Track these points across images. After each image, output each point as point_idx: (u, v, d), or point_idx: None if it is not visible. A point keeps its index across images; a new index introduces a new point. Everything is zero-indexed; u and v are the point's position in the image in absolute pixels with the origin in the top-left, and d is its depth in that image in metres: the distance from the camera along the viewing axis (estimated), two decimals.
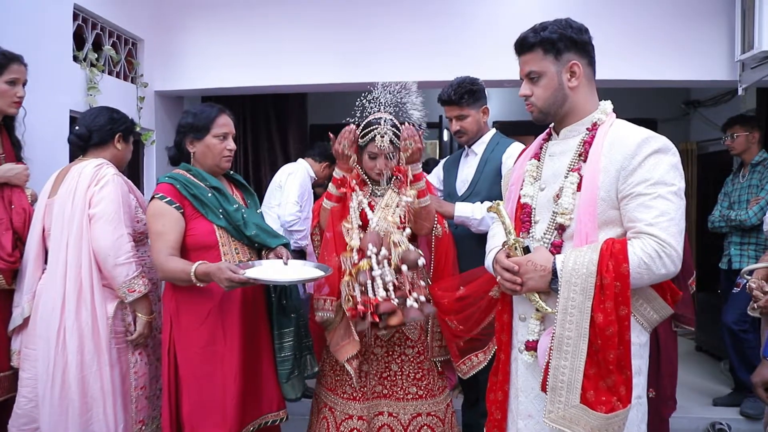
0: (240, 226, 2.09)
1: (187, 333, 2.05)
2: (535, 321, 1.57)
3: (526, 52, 1.57)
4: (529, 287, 1.51)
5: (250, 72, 3.90)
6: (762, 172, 3.49)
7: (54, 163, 2.46)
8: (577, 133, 1.59)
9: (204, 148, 2.12)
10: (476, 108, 2.62)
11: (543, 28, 1.55)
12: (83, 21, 3.20)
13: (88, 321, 2.07)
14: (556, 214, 1.54)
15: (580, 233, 1.49)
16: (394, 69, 3.80)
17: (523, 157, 1.77)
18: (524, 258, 1.53)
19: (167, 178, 2.07)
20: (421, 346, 2.26)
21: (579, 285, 1.42)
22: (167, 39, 3.92)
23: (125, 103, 3.53)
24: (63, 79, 2.95)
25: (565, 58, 1.54)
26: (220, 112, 2.14)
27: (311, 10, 3.85)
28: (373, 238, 2.11)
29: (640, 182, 1.43)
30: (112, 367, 2.09)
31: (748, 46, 3.41)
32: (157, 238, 2.01)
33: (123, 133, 2.31)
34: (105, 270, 2.08)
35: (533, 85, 1.58)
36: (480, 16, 3.76)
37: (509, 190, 1.77)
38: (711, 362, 4.32)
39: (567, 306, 1.43)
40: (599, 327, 1.39)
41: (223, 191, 2.11)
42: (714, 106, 5.26)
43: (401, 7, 3.80)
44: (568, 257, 1.45)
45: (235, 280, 1.85)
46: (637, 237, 1.44)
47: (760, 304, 2.09)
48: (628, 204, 1.45)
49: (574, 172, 1.54)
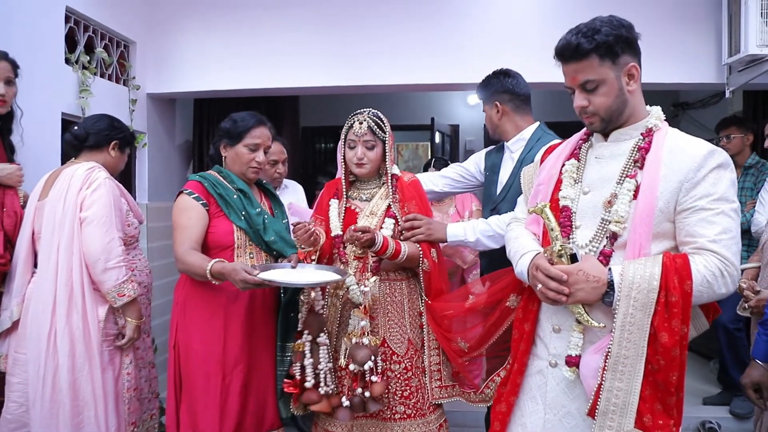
0: (259, 230, 2.10)
1: (191, 329, 2.06)
2: (577, 334, 1.46)
3: (579, 59, 1.43)
4: (577, 299, 1.40)
5: (242, 74, 3.90)
6: (756, 175, 3.53)
7: (46, 166, 2.45)
8: (629, 137, 1.50)
9: (234, 155, 2.16)
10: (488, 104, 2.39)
11: (596, 31, 1.41)
12: (75, 23, 3.20)
13: (79, 324, 2.07)
14: (607, 222, 1.45)
15: (633, 244, 1.40)
16: (387, 72, 3.82)
17: (556, 156, 1.67)
18: (574, 267, 1.40)
19: (198, 177, 2.14)
20: (409, 362, 2.11)
21: (640, 300, 1.33)
22: (159, 41, 3.92)
23: (117, 105, 3.52)
24: (55, 82, 2.94)
25: (622, 61, 1.44)
26: (259, 123, 2.17)
27: (304, 12, 3.86)
28: (314, 322, 2.03)
29: (703, 196, 1.37)
30: (103, 370, 2.09)
31: (734, 49, 3.46)
32: (181, 231, 2.03)
33: (120, 141, 2.33)
34: (94, 274, 2.08)
35: (590, 94, 1.46)
36: (473, 18, 3.78)
37: (535, 190, 1.66)
38: (701, 362, 4.36)
39: (625, 323, 1.33)
40: (664, 347, 1.32)
41: (248, 194, 2.14)
42: (702, 108, 5.32)
43: (394, 10, 3.81)
44: (626, 269, 1.35)
45: (250, 281, 1.83)
46: (698, 253, 1.37)
47: (751, 304, 2.12)
48: (689, 218, 1.38)
49: (631, 179, 1.44)
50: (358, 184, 2.23)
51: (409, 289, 2.16)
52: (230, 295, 2.05)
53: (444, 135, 5.74)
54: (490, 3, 3.79)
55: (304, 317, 2.05)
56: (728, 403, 3.48)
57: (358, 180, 2.22)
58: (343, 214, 2.17)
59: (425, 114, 5.82)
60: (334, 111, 1.81)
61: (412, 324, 2.14)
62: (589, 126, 1.52)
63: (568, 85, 1.50)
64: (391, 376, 2.09)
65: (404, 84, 3.90)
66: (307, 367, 1.99)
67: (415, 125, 6.11)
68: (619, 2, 3.56)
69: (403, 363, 2.10)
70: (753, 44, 3.28)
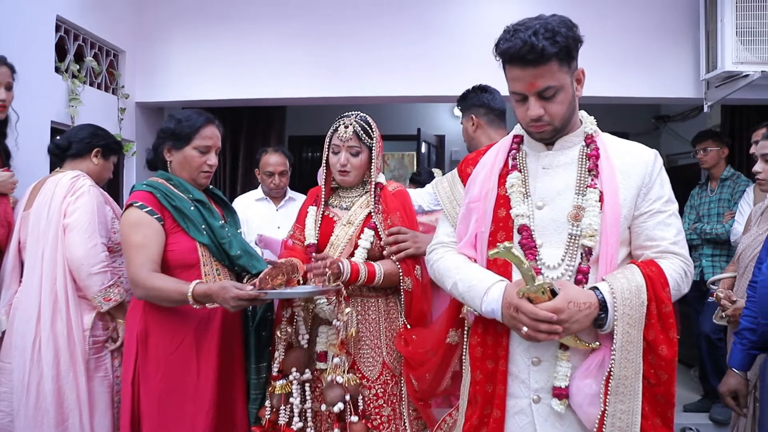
0: (224, 245, 1.90)
1: (155, 362, 1.84)
2: (565, 363, 1.33)
3: (541, 64, 1.27)
4: (572, 331, 1.28)
5: (230, 84, 3.93)
6: (732, 186, 3.62)
7: (35, 174, 2.44)
8: (572, 144, 1.42)
9: (182, 158, 1.93)
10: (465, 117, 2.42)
11: (555, 32, 1.26)
12: (65, 32, 3.21)
13: (63, 332, 2.05)
14: (576, 236, 1.35)
15: (605, 256, 1.33)
16: (374, 83, 3.88)
17: (486, 168, 1.50)
18: (562, 300, 1.25)
19: (145, 186, 1.88)
20: (381, 388, 1.90)
21: (633, 317, 1.26)
22: (148, 51, 3.94)
23: (106, 114, 3.53)
24: (44, 90, 2.95)
25: (574, 65, 1.34)
26: (208, 122, 1.95)
27: (292, 24, 3.91)
28: (297, 359, 1.88)
29: (657, 199, 1.36)
30: (89, 378, 2.08)
31: (712, 65, 3.59)
32: (137, 251, 1.80)
33: (102, 149, 2.28)
34: (79, 280, 2.07)
35: (546, 102, 1.32)
36: (459, 32, 3.86)
37: (466, 208, 1.49)
38: (681, 369, 4.44)
39: (624, 342, 1.26)
40: (665, 360, 1.28)
41: (207, 205, 1.94)
42: (682, 122, 5.45)
43: (381, 22, 3.87)
44: (614, 286, 1.27)
45: (244, 296, 1.65)
46: (662, 257, 1.35)
47: (728, 313, 2.17)
48: (647, 222, 1.36)
49: (593, 189, 1.36)
50: (341, 192, 2.06)
51: (387, 307, 1.96)
52: (201, 320, 1.85)
53: (430, 145, 5.80)
54: (475, 18, 3.87)
55: (283, 355, 1.87)
56: (708, 409, 3.56)
57: (341, 187, 2.05)
58: (320, 222, 2.00)
59: (411, 124, 5.87)
60: (320, 120, 1.82)
61: (389, 347, 1.93)
62: (537, 135, 1.40)
63: (519, 91, 1.33)
64: (363, 402, 1.88)
65: (391, 96, 3.96)
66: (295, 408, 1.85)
67: (401, 135, 6.16)
68: (600, 19, 3.68)
69: (374, 389, 1.90)
70: (729, 61, 3.41)
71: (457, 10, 3.89)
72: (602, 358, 1.31)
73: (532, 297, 1.27)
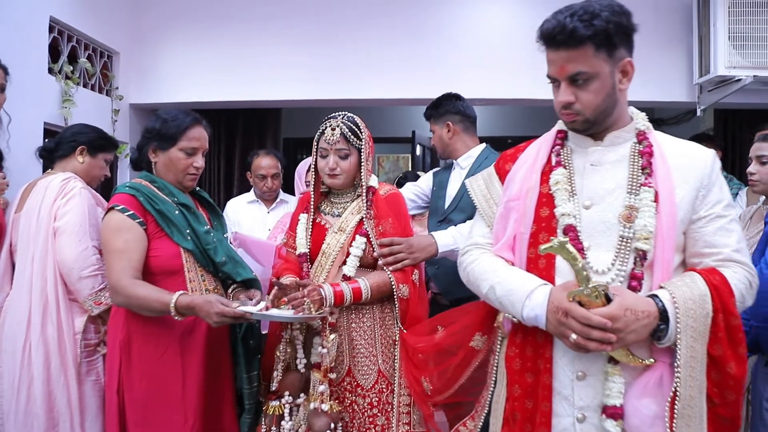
0: (209, 251, 1.83)
1: (139, 370, 1.77)
2: (617, 378, 1.21)
3: (573, 47, 1.22)
4: (627, 342, 1.16)
5: (225, 86, 3.93)
6: None
7: (28, 176, 2.42)
8: (622, 140, 1.32)
9: (167, 160, 1.85)
10: (439, 124, 2.51)
11: (594, 15, 1.20)
12: (59, 33, 3.20)
13: (54, 336, 2.03)
14: (628, 239, 1.24)
15: (661, 262, 1.22)
16: (369, 85, 3.89)
17: (527, 165, 1.42)
18: (618, 307, 1.15)
19: (127, 188, 1.80)
20: (376, 397, 1.85)
21: (698, 329, 1.15)
22: (143, 52, 3.93)
23: (100, 115, 3.52)
24: (38, 91, 2.94)
25: (619, 55, 1.25)
26: (195, 122, 1.87)
27: (288, 26, 3.91)
28: (293, 383, 1.81)
29: (716, 202, 1.25)
30: (80, 382, 2.06)
31: (704, 70, 3.62)
32: (118, 256, 1.72)
33: (87, 146, 2.23)
34: (69, 283, 2.05)
35: (578, 88, 1.25)
36: (455, 34, 3.87)
37: (505, 207, 1.40)
38: None
39: (689, 357, 1.14)
40: (735, 379, 1.16)
41: (192, 209, 1.87)
42: (676, 125, 5.49)
43: (377, 25, 3.88)
44: (676, 295, 1.16)
45: (228, 314, 1.60)
46: (725, 266, 1.23)
47: None
48: (705, 227, 1.25)
49: (648, 188, 1.25)
50: (332, 197, 1.99)
51: (382, 314, 1.90)
52: (186, 327, 1.78)
53: (425, 148, 5.81)
54: (471, 21, 3.88)
55: (281, 377, 1.81)
56: None
57: (332, 192, 1.99)
58: (311, 229, 1.94)
59: (406, 126, 5.88)
60: (316, 122, 1.81)
61: (384, 354, 1.88)
62: (570, 124, 1.33)
63: (552, 75, 1.28)
64: (356, 410, 1.85)
65: (387, 98, 3.97)
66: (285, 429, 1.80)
67: (396, 137, 6.17)
68: None
69: (368, 397, 1.85)
70: (722, 66, 3.45)
71: (453, 13, 3.90)
72: (660, 374, 1.19)
73: (584, 301, 1.16)
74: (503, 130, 6.14)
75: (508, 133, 6.03)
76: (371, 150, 1.97)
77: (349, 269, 1.86)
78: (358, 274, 1.86)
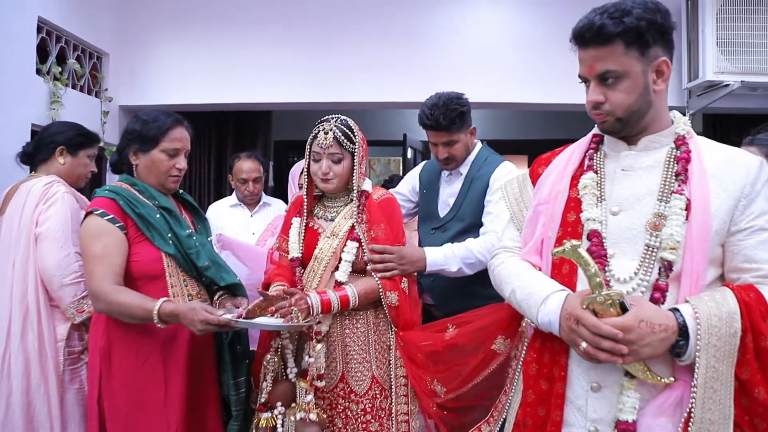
0: (191, 255, 1.80)
1: (120, 378, 1.74)
2: (632, 393, 1.16)
3: (601, 44, 1.19)
4: (641, 356, 1.11)
5: (216, 89, 3.91)
6: None
7: (14, 178, 2.39)
8: (659, 144, 1.26)
9: (148, 162, 1.82)
10: (465, 131, 2.24)
11: (625, 12, 1.16)
12: (47, 34, 3.17)
13: (34, 345, 1.99)
14: (655, 248, 1.19)
15: (690, 274, 1.15)
16: (360, 88, 3.89)
17: (559, 168, 1.38)
18: (632, 318, 1.10)
19: (107, 192, 1.77)
20: (369, 403, 1.84)
21: (722, 349, 1.08)
22: (133, 53, 3.90)
23: (89, 117, 3.49)
24: (25, 92, 2.91)
25: (653, 54, 1.20)
26: (176, 123, 1.84)
27: (279, 28, 3.90)
28: (284, 393, 1.78)
29: (760, 214, 1.17)
30: (63, 390, 2.02)
31: (693, 75, 3.66)
32: (98, 261, 1.69)
33: (66, 146, 2.18)
34: (51, 290, 2.01)
35: (608, 88, 1.21)
36: (447, 37, 3.88)
37: (534, 211, 1.38)
38: None
39: (708, 378, 1.08)
40: (763, 405, 1.08)
41: (174, 213, 1.84)
42: None
43: (368, 28, 3.88)
44: (698, 309, 1.10)
45: (213, 322, 1.57)
46: (764, 282, 1.14)
47: None
48: (746, 240, 1.16)
49: (679, 195, 1.19)
50: (326, 201, 1.98)
51: (376, 319, 1.88)
52: (168, 334, 1.75)
53: (416, 151, 5.81)
54: (461, 25, 3.88)
55: (270, 387, 1.78)
56: None
57: (325, 196, 1.98)
58: (304, 234, 1.92)
59: (398, 129, 5.88)
60: (306, 125, 1.79)
61: (378, 359, 1.87)
62: (600, 125, 1.28)
63: (582, 74, 1.25)
64: (349, 416, 1.83)
65: (378, 101, 3.97)
66: None
67: (387, 141, 6.18)
68: None
69: (361, 403, 1.84)
70: (710, 71, 3.49)
71: (444, 17, 3.91)
72: (681, 394, 1.14)
73: (598, 310, 1.13)
74: (495, 133, 6.16)
75: (499, 137, 6.05)
76: (365, 153, 1.95)
77: (342, 274, 1.84)
78: (351, 278, 1.85)
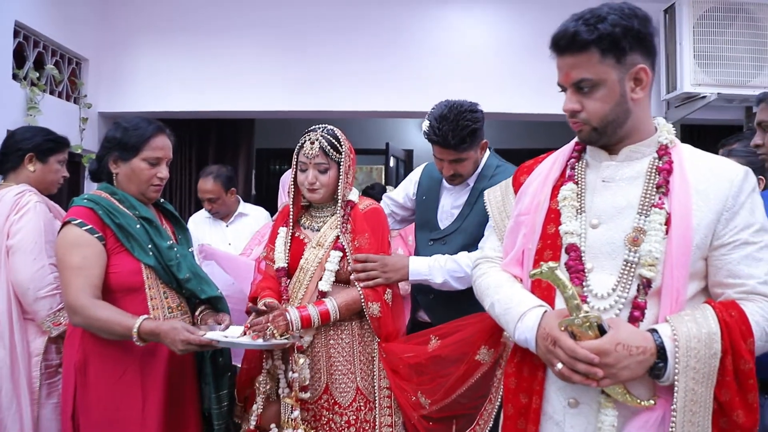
0: (172, 267, 1.76)
1: (96, 393, 1.68)
2: (610, 411, 1.13)
3: (576, 52, 1.15)
4: (620, 380, 1.08)
5: (197, 96, 3.88)
6: None
7: None
8: (641, 154, 1.22)
9: (129, 171, 1.76)
10: (476, 148, 2.03)
11: (600, 19, 1.13)
12: (24, 38, 3.12)
13: (6, 361, 1.92)
14: (633, 264, 1.15)
15: (669, 291, 1.12)
16: (344, 97, 3.89)
17: (541, 178, 1.35)
18: (609, 341, 1.07)
19: (85, 201, 1.71)
20: (353, 415, 1.81)
21: (701, 371, 1.05)
22: (113, 60, 3.86)
23: (67, 123, 3.44)
24: (1, 98, 2.85)
25: (630, 61, 1.15)
26: (158, 131, 1.78)
27: (261, 36, 3.89)
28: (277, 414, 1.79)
29: (744, 227, 1.13)
30: (40, 405, 1.96)
31: (671, 87, 3.73)
32: (75, 273, 1.63)
33: (35, 153, 2.10)
34: (26, 304, 1.95)
35: (584, 96, 1.18)
36: (428, 47, 3.90)
37: (515, 221, 1.36)
38: None
39: (687, 401, 1.05)
40: (742, 428, 1.06)
41: (155, 224, 1.79)
42: None
43: (352, 36, 3.89)
44: (677, 330, 1.07)
45: (194, 341, 1.54)
46: (748, 299, 1.11)
47: None
48: (729, 254, 1.13)
49: (659, 209, 1.15)
50: (312, 211, 1.97)
51: (361, 330, 1.86)
52: (146, 348, 1.67)
53: (398, 159, 5.83)
54: (444, 35, 3.92)
55: (262, 409, 1.77)
56: None
57: (312, 206, 1.97)
58: (290, 244, 1.91)
59: (380, 138, 5.90)
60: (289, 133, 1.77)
61: (363, 371, 1.85)
62: (578, 134, 1.25)
63: (559, 82, 1.22)
64: (333, 429, 1.81)
65: (361, 110, 3.98)
66: None
67: (369, 149, 6.19)
68: None
69: (345, 415, 1.81)
70: (688, 83, 3.57)
71: (427, 27, 3.94)
72: (663, 414, 1.11)
73: (576, 332, 1.11)
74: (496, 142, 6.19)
75: None
76: (353, 163, 1.94)
77: (325, 285, 1.82)
78: (334, 288, 1.84)
